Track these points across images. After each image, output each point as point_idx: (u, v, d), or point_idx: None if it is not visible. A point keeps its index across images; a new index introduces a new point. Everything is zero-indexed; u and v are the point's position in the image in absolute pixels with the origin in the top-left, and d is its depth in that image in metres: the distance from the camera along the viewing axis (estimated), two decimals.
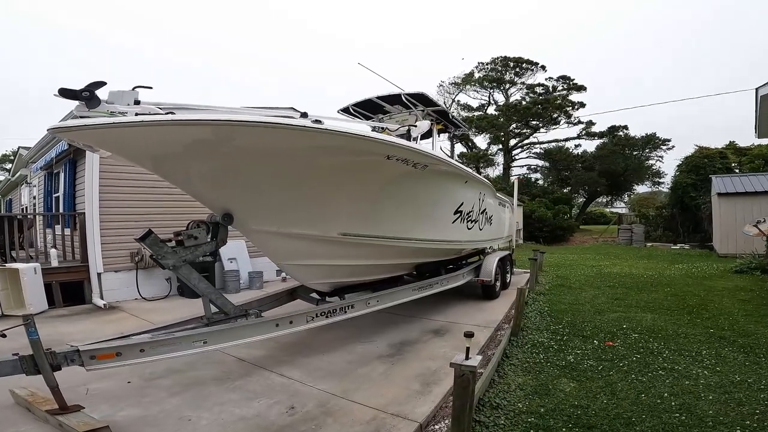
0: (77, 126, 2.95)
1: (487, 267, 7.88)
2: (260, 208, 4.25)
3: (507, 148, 37.05)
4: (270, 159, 3.77)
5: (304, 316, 4.53)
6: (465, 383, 2.72)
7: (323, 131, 3.60)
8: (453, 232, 6.72)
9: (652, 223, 24.54)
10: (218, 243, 4.13)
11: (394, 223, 5.42)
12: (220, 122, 3.20)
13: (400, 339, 5.53)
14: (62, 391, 3.67)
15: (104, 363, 3.34)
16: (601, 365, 4.73)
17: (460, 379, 2.71)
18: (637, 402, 3.80)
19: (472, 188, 7.06)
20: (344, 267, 5.34)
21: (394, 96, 7.08)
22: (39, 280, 7.52)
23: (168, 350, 3.56)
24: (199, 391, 3.91)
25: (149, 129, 3.08)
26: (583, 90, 35.37)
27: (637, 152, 34.91)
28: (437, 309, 7.14)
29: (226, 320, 4.22)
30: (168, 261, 3.80)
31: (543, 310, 7.30)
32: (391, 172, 4.77)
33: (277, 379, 4.21)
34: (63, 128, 2.98)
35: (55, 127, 2.97)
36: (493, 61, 36.07)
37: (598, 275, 11.43)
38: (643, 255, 16.87)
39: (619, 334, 5.91)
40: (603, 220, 42.52)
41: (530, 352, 5.19)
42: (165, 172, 3.78)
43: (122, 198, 8.50)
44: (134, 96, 3.53)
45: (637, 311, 7.24)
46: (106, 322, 6.85)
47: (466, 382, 2.71)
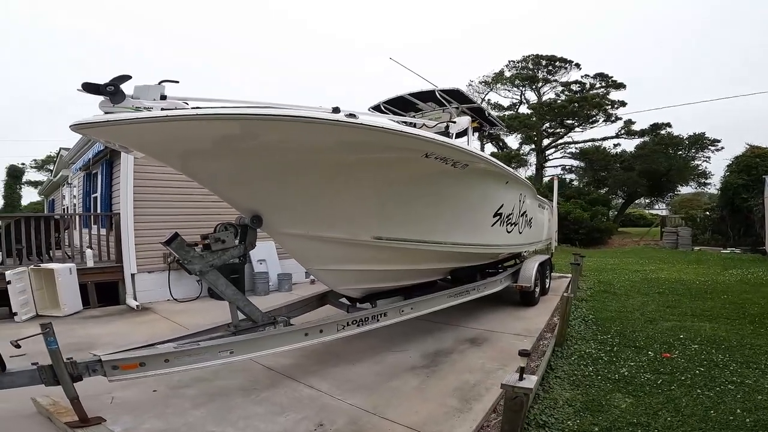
0: (99, 122, 2.79)
1: (526, 272, 7.42)
2: (291, 210, 4.02)
3: (540, 148, 35.94)
4: (301, 157, 3.54)
5: (335, 325, 4.27)
6: (517, 407, 2.40)
7: (358, 126, 3.34)
8: (492, 236, 6.32)
9: (700, 225, 23.16)
10: (246, 247, 3.94)
11: (431, 225, 5.09)
12: (249, 116, 2.99)
13: (433, 348, 5.20)
14: (87, 400, 3.55)
15: (127, 373, 3.19)
16: (660, 379, 4.34)
17: (512, 401, 2.39)
18: (706, 419, 3.45)
19: (513, 189, 6.64)
20: (376, 272, 5.04)
21: (426, 93, 6.77)
22: (74, 280, 7.61)
23: (193, 361, 3.38)
24: (224, 403, 3.71)
25: (173, 124, 2.91)
26: (623, 88, 33.96)
27: (681, 152, 33.14)
28: (472, 316, 6.75)
29: (253, 328, 4.02)
30: (194, 266, 3.62)
31: (587, 318, 6.83)
32: (428, 171, 4.45)
33: (305, 391, 3.97)
34: (85, 124, 2.83)
35: (78, 124, 2.82)
36: (524, 59, 35.09)
37: (644, 281, 10.73)
38: (691, 259, 15.88)
39: (677, 344, 5.44)
40: (643, 222, 40.62)
41: (577, 364, 4.79)
42: (192, 170, 3.61)
43: (156, 199, 8.54)
44: (160, 91, 3.37)
45: (694, 320, 6.69)
46: (137, 324, 6.84)
47: (518, 406, 2.39)
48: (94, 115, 2.90)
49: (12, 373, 2.90)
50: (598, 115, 33.71)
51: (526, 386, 2.37)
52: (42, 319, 7.08)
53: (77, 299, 7.63)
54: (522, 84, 35.99)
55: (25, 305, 7.10)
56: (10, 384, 2.91)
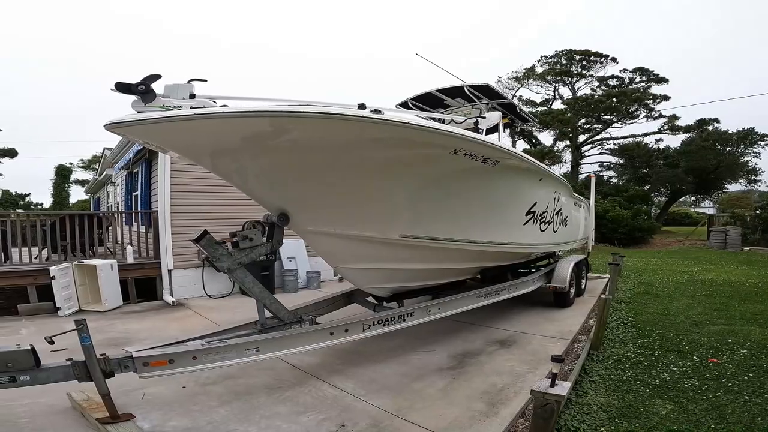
0: (131, 121, 2.86)
1: (560, 273, 7.14)
2: (317, 208, 4.01)
3: (575, 145, 34.80)
4: (328, 154, 3.51)
5: (360, 324, 4.23)
6: (548, 414, 2.26)
7: (384, 122, 3.28)
8: (524, 235, 6.11)
9: (750, 225, 21.78)
10: (274, 244, 3.95)
11: (460, 224, 4.96)
12: (276, 113, 2.99)
13: (461, 349, 5.08)
14: (119, 396, 3.62)
15: (157, 370, 3.26)
16: (705, 385, 4.09)
17: (542, 409, 2.26)
18: (753, 427, 3.24)
19: (546, 186, 6.38)
20: (404, 271, 4.96)
21: (455, 89, 6.63)
22: (115, 276, 7.92)
23: (220, 358, 3.42)
24: (249, 401, 3.74)
25: (202, 122, 2.94)
26: (665, 82, 32.38)
27: (730, 147, 31.27)
28: (503, 316, 6.57)
29: (280, 326, 4.03)
30: (223, 264, 3.67)
31: (626, 321, 6.50)
32: (458, 168, 4.32)
33: (328, 391, 3.94)
34: (118, 123, 2.90)
35: (112, 123, 2.90)
36: (557, 54, 34.14)
37: (689, 282, 10.15)
38: (740, 260, 14.96)
39: (724, 349, 5.12)
40: (688, 221, 38.69)
41: (614, 369, 4.55)
42: (221, 168, 3.66)
43: (192, 197, 8.77)
44: (189, 89, 3.43)
45: (743, 324, 6.27)
46: (172, 320, 7.03)
47: (549, 413, 2.26)
48: (127, 114, 2.98)
49: (47, 369, 2.99)
50: (638, 110, 32.32)
51: (558, 393, 2.23)
52: (85, 314, 7.37)
53: (118, 294, 7.93)
54: (555, 79, 34.97)
55: (68, 300, 7.43)
56: (45, 380, 2.99)
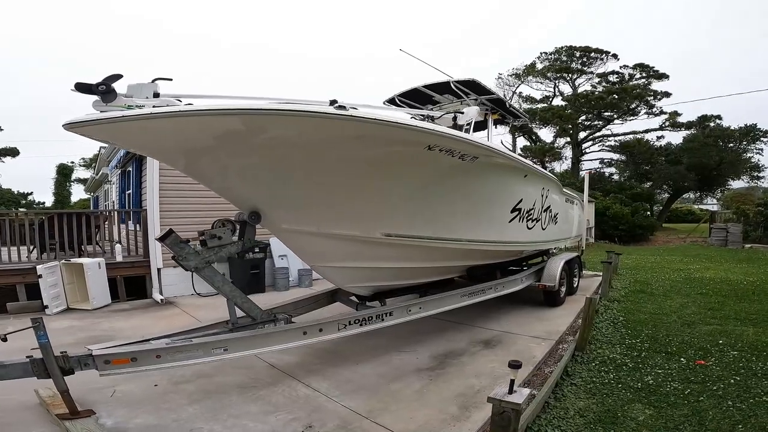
0: (88, 120, 2.77)
1: (550, 271, 7.04)
2: (291, 206, 3.92)
3: (576, 141, 34.58)
4: (297, 152, 3.43)
5: (335, 324, 4.15)
6: (505, 422, 2.17)
7: (348, 118, 3.18)
8: (510, 232, 6.00)
9: (752, 222, 21.54)
10: (245, 243, 3.87)
11: (442, 222, 4.87)
12: (229, 111, 2.91)
13: (444, 350, 4.99)
14: (89, 392, 3.69)
15: (119, 368, 3.19)
16: (689, 388, 3.97)
17: (499, 417, 2.16)
18: None
19: (533, 183, 6.28)
20: (386, 270, 4.88)
21: (442, 84, 6.50)
22: (103, 274, 7.87)
23: (185, 357, 3.34)
24: (220, 400, 3.68)
25: (158, 121, 2.85)
26: (665, 78, 32.14)
27: (733, 144, 30.97)
28: (491, 316, 6.48)
29: (252, 326, 3.95)
30: (189, 263, 3.59)
31: (617, 321, 6.39)
32: (435, 165, 4.23)
33: (302, 391, 3.87)
34: (76, 123, 2.82)
35: (69, 123, 2.82)
36: (557, 51, 33.96)
37: (686, 280, 10.02)
38: (741, 258, 14.78)
39: (714, 351, 5.01)
40: (691, 218, 38.44)
41: (598, 371, 4.45)
42: (188, 167, 3.58)
43: (181, 195, 8.69)
44: (154, 88, 3.34)
45: (737, 324, 6.15)
46: (159, 318, 6.98)
47: (506, 422, 2.16)
48: (87, 114, 2.90)
49: (5, 366, 2.95)
50: (639, 106, 32.10)
51: (515, 401, 2.14)
52: (72, 312, 7.38)
53: (106, 293, 7.89)
54: (555, 76, 34.78)
55: (56, 299, 7.40)
56: (5, 376, 2.96)
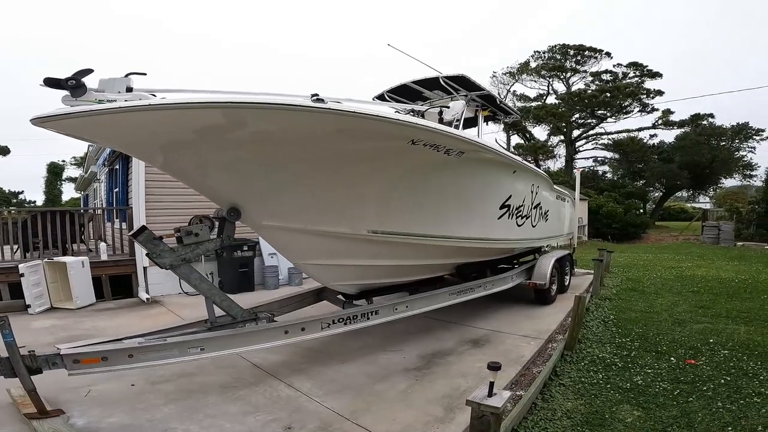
0: (55, 115, 2.66)
1: (541, 269, 6.97)
2: (272, 202, 3.81)
3: (569, 139, 34.64)
4: (276, 146, 3.32)
5: (319, 323, 4.04)
6: (484, 426, 2.08)
7: (326, 111, 3.07)
8: (499, 230, 5.92)
9: (744, 219, 21.64)
10: (224, 240, 3.76)
11: (430, 218, 4.77)
12: (200, 105, 2.80)
13: (432, 349, 4.90)
14: (63, 392, 3.61)
15: (89, 368, 3.09)
16: (678, 389, 3.91)
17: (478, 421, 2.07)
18: None
19: (522, 179, 6.20)
20: (372, 267, 4.78)
21: (431, 80, 6.40)
22: (87, 273, 7.71)
23: (160, 357, 3.24)
24: (198, 400, 3.58)
25: (137, 115, 2.74)
26: (659, 77, 32.24)
27: (725, 142, 31.14)
28: (481, 314, 6.40)
29: (231, 325, 3.84)
30: (164, 260, 3.47)
31: (607, 319, 6.33)
32: (421, 161, 4.14)
33: (284, 391, 3.77)
34: (45, 118, 2.70)
35: (37, 118, 2.70)
36: (551, 50, 33.98)
37: (678, 278, 10.01)
38: (732, 256, 14.82)
39: (704, 350, 4.96)
40: (684, 216, 38.62)
41: (587, 371, 4.39)
42: (164, 163, 3.46)
43: (167, 192, 8.52)
44: (126, 83, 3.22)
45: (728, 322, 6.12)
46: (143, 317, 6.85)
47: (485, 426, 2.07)
48: (57, 108, 2.78)
49: None
50: (632, 105, 32.20)
51: (494, 405, 2.05)
52: (56, 311, 7.23)
53: (90, 292, 7.73)
54: (549, 74, 34.82)
55: (39, 298, 7.24)
56: None
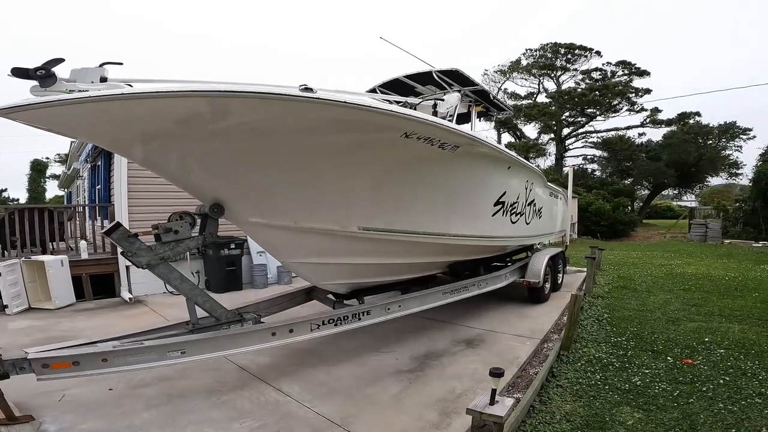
0: (23, 105, 2.44)
1: (534, 267, 6.87)
2: (258, 198, 3.62)
3: (559, 138, 34.80)
4: (259, 138, 3.14)
5: (308, 324, 3.87)
6: None
7: (313, 101, 2.90)
8: (493, 227, 5.79)
9: (731, 217, 21.89)
10: (206, 237, 3.56)
11: (422, 215, 4.61)
12: (183, 94, 2.61)
13: (424, 350, 4.76)
14: (37, 396, 3.41)
15: (59, 372, 2.89)
16: (678, 390, 3.82)
17: (480, 430, 1.91)
18: None
19: (517, 175, 6.06)
20: (363, 266, 4.61)
21: (424, 74, 6.24)
22: (66, 272, 7.43)
23: (136, 361, 3.05)
24: (180, 405, 3.39)
25: (110, 105, 2.54)
26: (647, 75, 32.50)
27: (712, 141, 31.50)
28: (474, 313, 6.27)
29: (215, 327, 3.65)
30: (141, 259, 3.26)
31: (601, 318, 6.25)
32: (414, 155, 3.96)
33: (272, 395, 3.60)
34: (9, 108, 2.48)
35: (3, 108, 2.48)
36: (542, 48, 34.04)
37: (668, 276, 10.00)
38: (721, 253, 14.92)
39: (700, 349, 4.89)
40: (670, 214, 39.03)
41: (584, 371, 4.28)
42: (139, 155, 3.25)
43: (151, 189, 8.25)
44: (100, 73, 3.03)
45: (721, 321, 6.06)
46: (124, 317, 6.61)
47: None
48: (21, 99, 2.57)
49: None
50: (621, 103, 32.43)
51: (497, 413, 1.91)
52: (34, 312, 6.96)
53: (70, 292, 7.46)
54: (540, 73, 34.92)
55: (16, 298, 6.96)
56: None
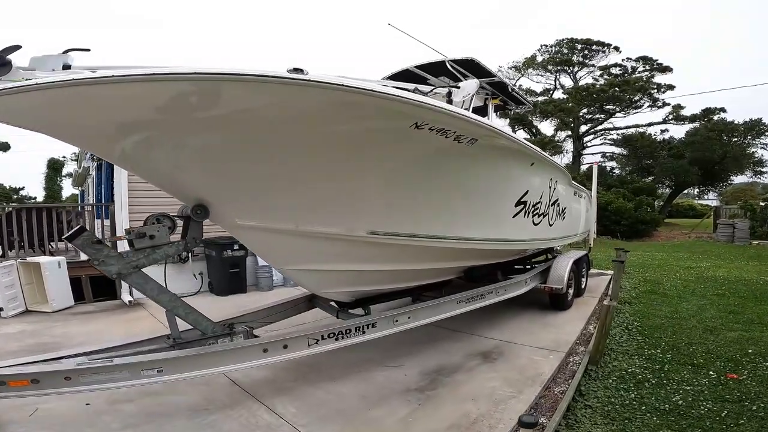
0: None
1: (557, 271, 6.33)
2: (245, 198, 3.20)
3: (577, 135, 33.86)
4: (247, 128, 2.74)
5: (305, 339, 3.43)
6: None
7: (304, 83, 2.47)
8: (514, 229, 5.25)
9: (758, 217, 20.88)
10: (188, 243, 3.17)
11: (438, 217, 4.14)
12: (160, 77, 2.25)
13: (436, 364, 4.30)
14: (8, 410, 3.14)
15: (17, 391, 2.55)
16: (725, 410, 3.36)
17: None
18: None
19: (540, 173, 5.49)
20: (370, 273, 4.15)
21: (437, 64, 5.78)
22: (63, 274, 7.18)
23: (105, 380, 2.69)
24: (161, 425, 3.04)
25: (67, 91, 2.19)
26: (669, 71, 31.36)
27: (737, 138, 30.29)
28: (490, 321, 5.78)
29: (200, 341, 3.26)
30: (110, 267, 2.87)
31: (631, 326, 5.72)
32: (428, 148, 3.48)
33: (263, 418, 3.20)
34: None
35: None
36: (558, 43, 33.14)
37: (699, 279, 9.36)
38: (750, 255, 14.13)
39: (745, 362, 4.39)
40: (692, 214, 37.78)
41: (616, 389, 3.80)
42: (110, 151, 2.90)
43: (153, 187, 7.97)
44: (63, 60, 2.67)
45: (763, 330, 5.52)
46: (121, 322, 6.31)
47: None
48: None
49: None
50: (642, 99, 31.38)
51: None
52: (31, 315, 6.72)
53: (68, 294, 7.19)
54: (556, 69, 34.05)
55: (13, 300, 6.72)
56: None
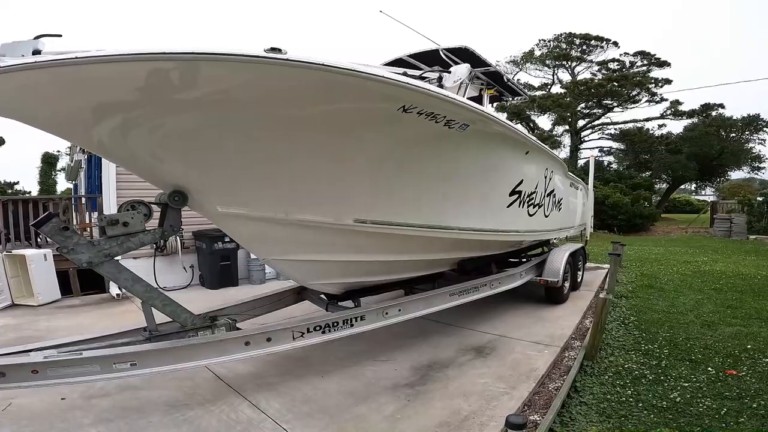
0: None
1: (553, 264, 6.22)
2: (225, 184, 3.06)
3: (575, 129, 33.72)
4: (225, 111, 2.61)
5: (289, 332, 3.30)
6: None
7: (282, 62, 2.32)
8: (508, 219, 5.12)
9: (755, 212, 20.84)
10: (165, 230, 3.02)
11: (428, 206, 4.01)
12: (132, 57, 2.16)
13: (427, 359, 4.18)
14: None
15: None
16: (725, 407, 3.28)
17: None
18: None
19: (535, 162, 5.35)
20: (360, 264, 4.02)
21: (430, 53, 5.63)
22: (50, 267, 7.02)
23: (75, 373, 2.58)
24: (135, 421, 2.92)
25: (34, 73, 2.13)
26: (667, 66, 31.24)
27: (734, 134, 30.23)
28: (484, 315, 5.66)
29: (178, 334, 3.12)
30: (80, 256, 2.72)
31: (628, 321, 5.62)
32: (415, 133, 3.32)
33: (245, 413, 3.07)
34: None
35: None
36: (556, 38, 32.94)
37: (696, 274, 9.27)
38: (748, 249, 14.10)
39: (744, 358, 4.30)
40: (689, 209, 37.85)
41: (612, 385, 3.69)
42: (79, 136, 2.77)
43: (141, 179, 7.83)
44: (34, 46, 2.52)
45: (762, 325, 5.43)
46: (108, 315, 6.17)
47: None
48: None
49: None
50: (640, 94, 31.23)
51: None
52: (17, 308, 6.59)
53: (54, 287, 7.04)
54: (554, 63, 33.88)
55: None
56: None
